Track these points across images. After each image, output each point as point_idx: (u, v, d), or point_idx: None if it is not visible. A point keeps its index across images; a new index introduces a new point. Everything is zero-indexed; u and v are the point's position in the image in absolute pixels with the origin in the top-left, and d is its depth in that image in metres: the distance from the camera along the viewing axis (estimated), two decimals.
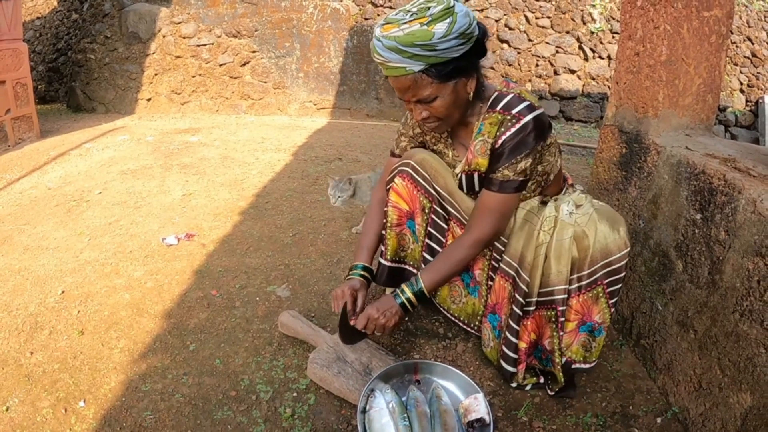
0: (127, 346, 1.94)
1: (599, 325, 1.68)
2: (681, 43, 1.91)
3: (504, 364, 1.75)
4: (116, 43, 7.12)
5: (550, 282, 1.62)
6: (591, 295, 1.64)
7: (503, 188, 1.61)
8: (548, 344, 1.70)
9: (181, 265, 2.55)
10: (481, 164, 1.64)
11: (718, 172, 1.56)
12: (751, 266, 1.37)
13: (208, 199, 3.50)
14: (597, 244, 1.58)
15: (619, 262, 1.61)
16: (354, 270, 1.87)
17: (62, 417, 1.61)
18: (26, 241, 2.82)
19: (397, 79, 1.51)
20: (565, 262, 1.58)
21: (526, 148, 1.56)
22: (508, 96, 1.60)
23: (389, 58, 1.46)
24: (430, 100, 1.53)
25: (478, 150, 1.63)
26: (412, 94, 1.53)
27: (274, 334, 2.02)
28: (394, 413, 1.52)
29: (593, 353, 1.73)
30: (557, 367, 1.68)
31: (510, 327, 1.70)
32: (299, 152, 4.89)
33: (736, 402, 1.40)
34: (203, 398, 1.70)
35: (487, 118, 1.61)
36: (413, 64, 1.45)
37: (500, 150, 1.58)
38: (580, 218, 1.60)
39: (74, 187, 3.73)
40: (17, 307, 2.17)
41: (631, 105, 2.08)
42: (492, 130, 1.59)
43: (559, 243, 1.59)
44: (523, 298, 1.64)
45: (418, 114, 1.58)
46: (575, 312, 1.66)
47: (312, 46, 7.09)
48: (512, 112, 1.56)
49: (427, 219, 1.86)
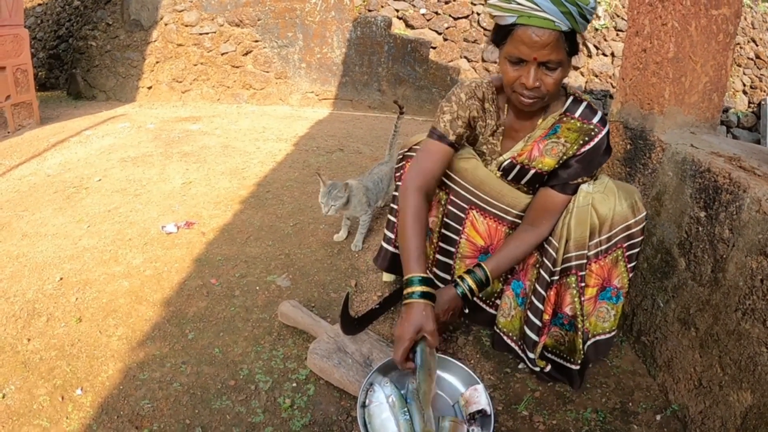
0: (125, 334, 1.93)
1: (618, 290, 1.72)
2: (689, 40, 1.90)
3: (528, 331, 1.75)
4: (118, 31, 7.07)
5: (570, 247, 1.64)
6: (610, 258, 1.68)
7: (568, 190, 1.65)
8: (570, 310, 1.71)
9: (180, 253, 2.54)
10: (546, 164, 1.65)
11: (724, 171, 1.55)
12: (755, 265, 1.37)
13: (209, 188, 3.48)
14: (617, 208, 1.62)
15: (636, 225, 1.65)
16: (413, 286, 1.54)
17: (59, 405, 1.61)
18: (25, 228, 2.80)
19: (539, 31, 1.37)
20: (584, 228, 1.62)
21: (600, 163, 1.63)
22: (583, 103, 1.62)
23: (543, 6, 1.35)
24: (555, 66, 1.43)
25: (548, 150, 1.64)
26: (547, 53, 1.40)
27: (274, 323, 2.02)
28: (394, 407, 1.51)
29: (612, 321, 1.76)
30: (579, 332, 1.69)
31: (537, 292, 1.72)
32: (300, 142, 4.87)
33: (737, 401, 1.39)
34: (202, 387, 1.69)
35: (565, 123, 1.62)
36: (563, 22, 1.36)
37: (577, 162, 1.62)
38: (597, 187, 1.63)
39: (74, 174, 3.71)
40: (15, 293, 2.16)
41: (637, 101, 2.07)
42: (571, 136, 1.61)
43: (580, 209, 1.62)
44: (552, 265, 1.67)
45: (535, 79, 1.44)
46: (596, 276, 1.69)
47: (315, 36, 7.05)
48: (593, 122, 1.59)
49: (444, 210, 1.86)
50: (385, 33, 6.93)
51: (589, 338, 1.76)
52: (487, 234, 1.86)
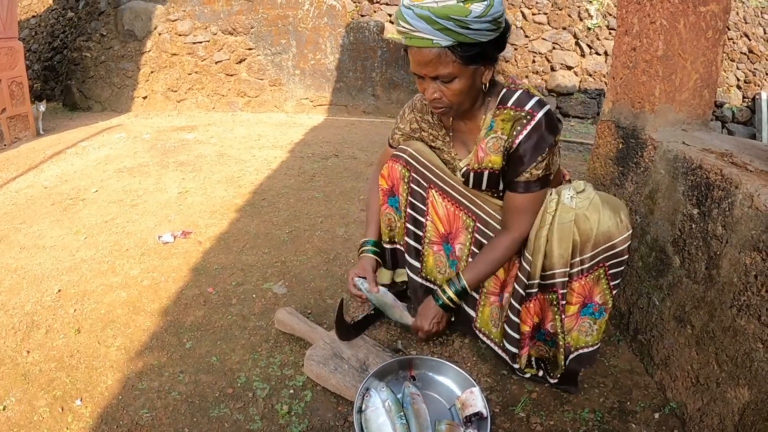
0: (123, 344, 1.93)
1: (600, 306, 1.70)
2: (678, 38, 1.91)
3: (507, 344, 1.75)
4: (112, 41, 7.09)
5: (551, 265, 1.62)
6: (592, 277, 1.65)
7: (530, 188, 1.60)
8: (551, 327, 1.71)
9: (177, 262, 2.54)
10: (494, 161, 1.63)
11: (715, 167, 1.56)
12: (749, 261, 1.37)
13: (205, 197, 3.48)
14: (600, 227, 1.58)
15: (621, 245, 1.62)
16: (365, 246, 1.92)
17: (59, 416, 1.61)
18: (22, 240, 2.80)
19: (420, 51, 1.45)
20: (566, 245, 1.58)
21: (546, 144, 1.56)
22: (517, 92, 1.59)
23: (418, 27, 1.40)
24: (448, 79, 1.48)
25: (491, 147, 1.62)
26: (432, 69, 1.47)
27: (271, 331, 2.02)
28: (390, 412, 1.51)
29: (595, 336, 1.74)
30: (560, 349, 1.68)
31: (512, 306, 1.70)
32: (296, 149, 4.88)
33: (734, 397, 1.39)
34: (200, 396, 1.69)
35: (499, 114, 1.60)
36: (442, 38, 1.40)
37: (521, 152, 1.57)
38: (581, 202, 1.59)
39: (70, 186, 3.71)
40: (14, 306, 2.16)
41: (628, 100, 2.08)
42: (506, 127, 1.58)
43: (561, 226, 1.58)
44: (526, 279, 1.65)
45: (431, 93, 1.53)
46: (577, 294, 1.67)
47: (308, 42, 7.07)
48: (525, 109, 1.56)
49: (408, 188, 1.84)
50: (378, 38, 6.95)
51: (572, 352, 1.75)
52: (447, 219, 1.82)
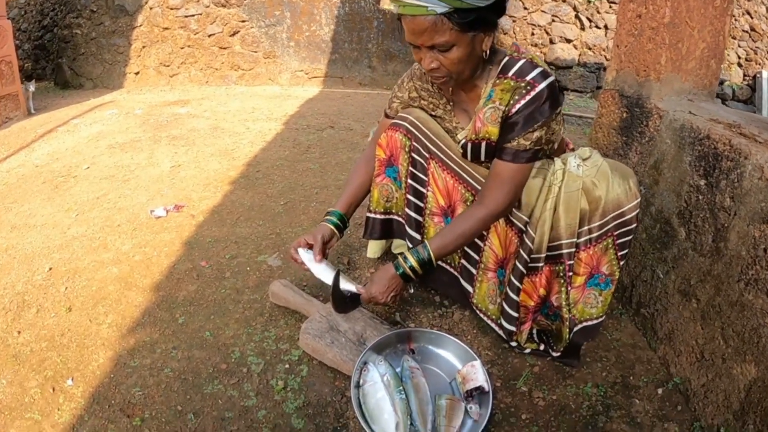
0: (115, 321, 1.89)
1: (606, 276, 1.65)
2: (685, 5, 1.85)
3: (504, 322, 1.72)
4: (102, 17, 6.94)
5: (558, 235, 1.58)
6: (600, 246, 1.61)
7: (517, 158, 1.53)
8: (555, 300, 1.67)
9: (169, 236, 2.49)
10: (491, 132, 1.56)
11: (724, 137, 1.51)
12: (758, 234, 1.33)
13: (198, 170, 3.42)
14: (609, 195, 1.54)
15: (630, 212, 1.57)
16: (329, 215, 1.84)
17: (50, 396, 1.57)
18: (13, 220, 2.75)
19: (414, 19, 1.37)
20: (574, 214, 1.55)
21: (541, 116, 1.49)
22: (520, 61, 1.52)
23: None
24: (445, 48, 1.41)
25: (488, 118, 1.55)
26: (428, 38, 1.39)
27: (265, 304, 1.98)
28: (389, 386, 1.48)
29: (600, 308, 1.69)
30: (565, 322, 1.65)
31: (512, 284, 1.66)
32: (291, 121, 4.81)
33: (740, 373, 1.36)
34: (193, 372, 1.66)
35: (498, 84, 1.53)
36: (437, 4, 1.32)
37: (515, 119, 1.51)
38: (588, 170, 1.55)
39: (62, 163, 3.65)
40: (4, 286, 2.11)
41: (633, 68, 2.02)
42: (504, 97, 1.52)
43: (568, 195, 1.54)
44: (527, 255, 1.60)
45: (428, 63, 1.46)
46: (585, 264, 1.62)
47: (303, 14, 6.94)
48: (526, 79, 1.49)
49: (409, 158, 1.78)
50: (375, 8, 6.83)
51: (577, 324, 1.70)
52: (446, 191, 1.76)
